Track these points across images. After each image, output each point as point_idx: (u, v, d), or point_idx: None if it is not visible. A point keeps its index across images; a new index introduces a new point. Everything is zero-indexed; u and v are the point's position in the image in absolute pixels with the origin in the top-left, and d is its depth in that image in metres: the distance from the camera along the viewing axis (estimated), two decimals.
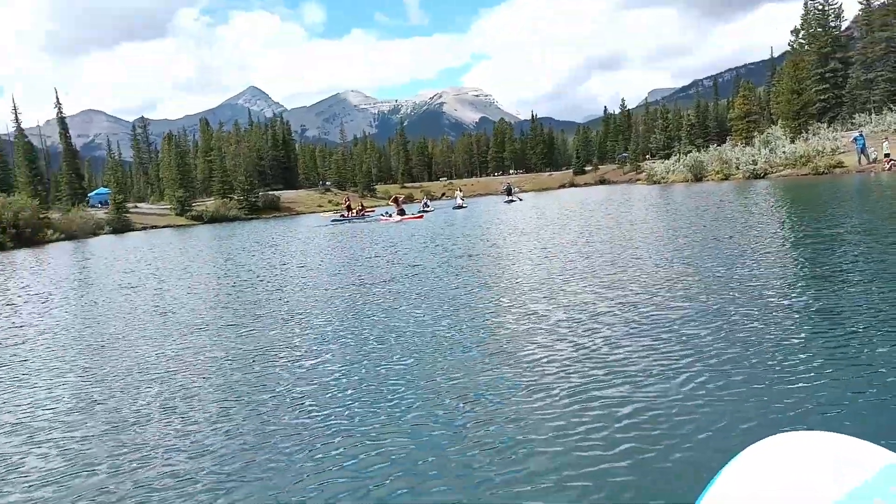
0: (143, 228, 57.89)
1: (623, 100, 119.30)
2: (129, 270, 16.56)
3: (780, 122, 49.46)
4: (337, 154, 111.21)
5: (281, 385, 4.97)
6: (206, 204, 71.51)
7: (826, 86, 51.30)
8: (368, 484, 3.17)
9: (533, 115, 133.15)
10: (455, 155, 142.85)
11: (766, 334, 5.02)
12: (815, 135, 41.09)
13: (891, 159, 28.98)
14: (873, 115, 42.13)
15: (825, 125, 44.23)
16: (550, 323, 6.13)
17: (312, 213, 68.23)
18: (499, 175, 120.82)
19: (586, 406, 3.90)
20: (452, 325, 6.46)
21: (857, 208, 14.71)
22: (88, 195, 74.30)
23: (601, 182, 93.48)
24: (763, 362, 4.39)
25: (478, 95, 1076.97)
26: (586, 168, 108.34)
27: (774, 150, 40.46)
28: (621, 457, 3.21)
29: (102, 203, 69.97)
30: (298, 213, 73.75)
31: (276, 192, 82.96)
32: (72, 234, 46.38)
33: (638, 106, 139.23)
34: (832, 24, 53.41)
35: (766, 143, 43.23)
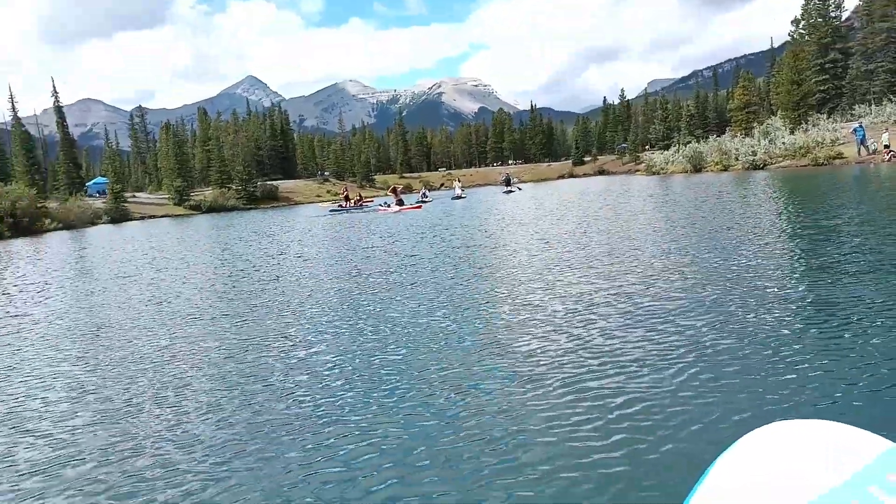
0: (141, 218, 57.75)
1: (622, 90, 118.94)
2: (125, 260, 16.51)
3: (779, 112, 49.29)
4: (335, 144, 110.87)
5: (274, 375, 4.95)
6: (205, 194, 71.38)
7: (826, 76, 51.15)
8: (358, 475, 3.15)
9: (532, 106, 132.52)
10: (454, 145, 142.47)
11: (762, 325, 4.99)
12: (814, 126, 41.02)
13: (890, 150, 28.94)
14: (873, 106, 42.02)
15: (825, 116, 44.14)
16: (546, 313, 6.11)
17: (311, 203, 68.19)
18: (498, 165, 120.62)
19: (580, 397, 3.88)
20: (447, 316, 6.43)
21: (855, 199, 14.67)
22: (86, 184, 74.09)
23: (600, 173, 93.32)
24: (758, 352, 4.37)
25: (476, 85, 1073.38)
26: (585, 159, 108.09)
27: (774, 141, 40.37)
28: (615, 447, 3.19)
29: (100, 192, 69.79)
30: (297, 204, 73.63)
31: (275, 182, 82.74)
32: (69, 224, 46.28)
33: (637, 96, 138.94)
34: (832, 15, 53.16)
35: (766, 133, 43.13)
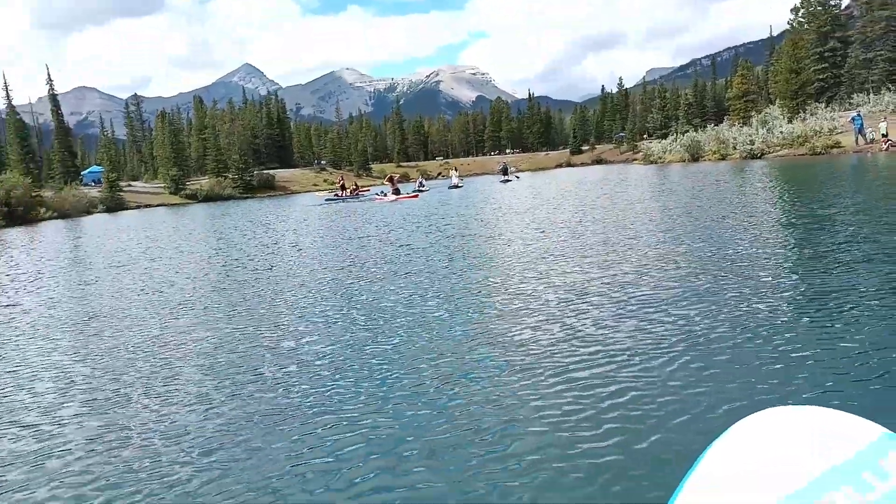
0: (137, 207, 57.47)
1: (620, 79, 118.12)
2: (120, 249, 16.43)
3: (777, 101, 49.10)
4: (332, 133, 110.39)
5: (264, 365, 4.91)
6: (201, 183, 70.98)
7: (825, 65, 50.94)
8: (346, 465, 3.12)
9: (530, 94, 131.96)
10: (451, 134, 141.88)
11: (755, 313, 4.96)
12: (812, 115, 40.92)
13: (888, 139, 28.88)
14: (871, 95, 41.93)
15: (823, 105, 44.00)
16: (539, 303, 6.07)
17: (308, 192, 67.89)
18: (495, 154, 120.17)
19: (572, 386, 3.85)
20: (440, 305, 6.40)
21: (852, 189, 14.64)
22: (82, 173, 73.67)
23: (598, 162, 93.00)
24: (751, 341, 4.34)
25: (475, 74, 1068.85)
26: (583, 148, 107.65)
27: (772, 130, 40.27)
28: (607, 436, 3.17)
29: (96, 181, 69.37)
30: (294, 193, 73.32)
31: (271, 171, 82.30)
32: (65, 213, 45.99)
33: (636, 85, 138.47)
34: (832, 3, 52.85)
35: (764, 122, 43.01)
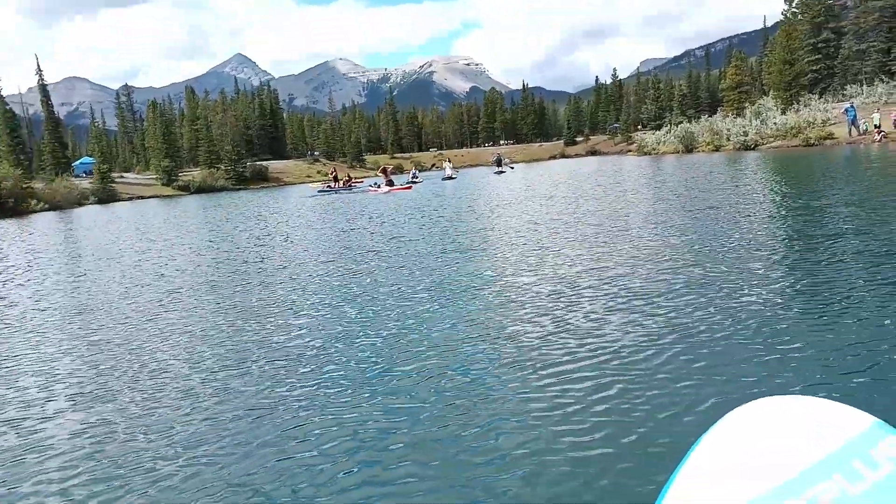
0: (129, 199, 57.11)
1: (615, 69, 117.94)
2: (110, 242, 16.31)
3: (771, 92, 49.16)
4: (325, 124, 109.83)
5: (251, 359, 4.85)
6: (193, 174, 70.59)
7: (818, 56, 50.88)
8: (329, 461, 3.08)
9: (524, 85, 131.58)
10: (445, 125, 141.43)
11: (747, 305, 4.94)
12: (806, 106, 40.97)
13: (881, 131, 28.94)
14: (865, 87, 41.98)
15: (816, 96, 44.05)
16: (530, 295, 6.04)
17: (301, 183, 67.56)
18: (489, 146, 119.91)
19: (562, 379, 3.81)
20: (431, 298, 6.35)
21: (845, 180, 14.65)
22: (73, 164, 73.06)
23: (592, 153, 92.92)
24: (743, 332, 4.32)
25: (468, 64, 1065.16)
26: (577, 139, 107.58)
27: (765, 122, 40.33)
28: (597, 429, 3.14)
29: (87, 173, 68.81)
30: (287, 184, 73.04)
31: (264, 163, 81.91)
32: (56, 205, 45.63)
33: (630, 76, 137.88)
34: None
35: (758, 114, 43.07)
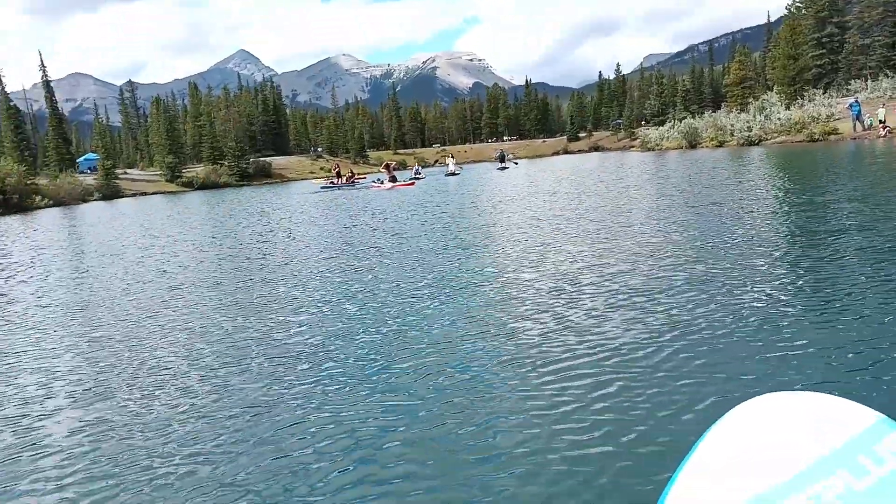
0: (133, 195, 57.19)
1: (618, 65, 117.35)
2: (114, 238, 16.34)
3: (775, 88, 48.92)
4: (329, 120, 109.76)
5: (251, 356, 4.86)
6: (197, 170, 70.60)
7: (822, 51, 50.61)
8: (325, 459, 3.08)
9: (527, 81, 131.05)
10: (448, 121, 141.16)
11: (751, 301, 4.93)
12: (810, 101, 40.77)
13: (886, 126, 28.79)
14: (869, 82, 41.77)
15: (821, 91, 43.83)
16: (532, 292, 6.04)
17: (304, 179, 67.55)
18: (492, 142, 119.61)
19: (563, 377, 3.81)
20: (432, 295, 6.35)
21: (849, 176, 14.59)
22: (77, 161, 73.15)
23: (595, 149, 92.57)
24: (747, 328, 4.32)
25: (471, 60, 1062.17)
26: (580, 135, 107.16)
27: (769, 117, 40.16)
28: (600, 426, 3.14)
29: (91, 169, 68.90)
30: (290, 180, 73.01)
31: (267, 159, 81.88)
32: (60, 201, 45.69)
33: (633, 71, 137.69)
34: None
35: (762, 109, 42.88)
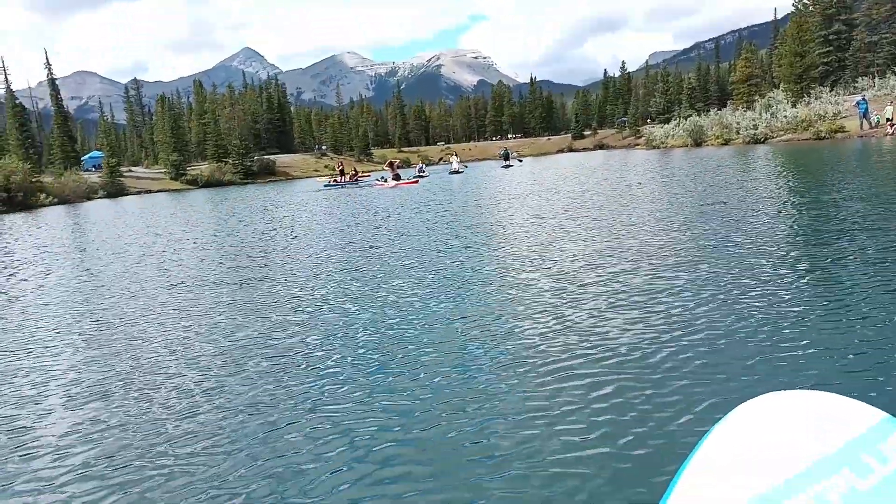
0: (137, 193, 57.34)
1: (623, 62, 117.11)
2: (116, 236, 16.34)
3: (782, 85, 48.65)
4: (333, 118, 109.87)
5: (250, 356, 4.79)
6: (201, 168, 70.74)
7: (829, 48, 50.19)
8: (322, 462, 3.00)
9: (532, 79, 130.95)
10: (453, 119, 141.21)
11: (756, 300, 4.84)
12: (817, 99, 40.51)
13: (893, 124, 28.54)
14: (876, 79, 41.47)
15: (827, 89, 43.54)
16: (534, 291, 5.96)
17: (308, 177, 67.59)
18: (497, 140, 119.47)
19: (566, 375, 3.72)
20: (433, 295, 6.28)
21: (855, 174, 14.44)
22: (82, 159, 73.43)
23: (600, 147, 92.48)
24: (752, 327, 4.24)
25: (476, 58, 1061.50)
26: (585, 133, 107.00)
27: (775, 115, 39.93)
28: (602, 426, 3.06)
29: (96, 167, 69.16)
30: (294, 178, 73.08)
31: (272, 157, 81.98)
32: (65, 199, 45.82)
33: (638, 69, 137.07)
34: None
35: (768, 107, 42.64)
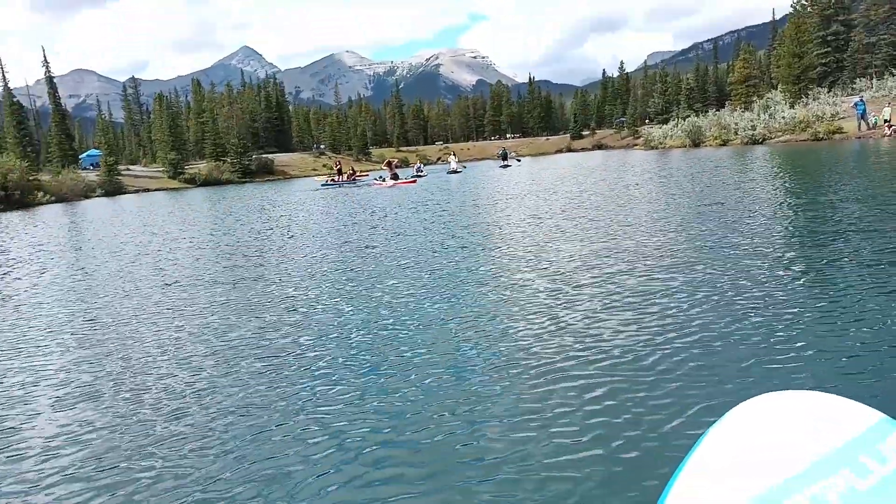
0: (135, 191, 57.25)
1: (622, 63, 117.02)
2: (112, 235, 16.30)
3: (780, 86, 48.69)
4: (332, 117, 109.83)
5: (242, 357, 4.76)
6: (199, 167, 70.62)
7: (828, 49, 50.25)
8: (311, 464, 2.98)
9: (530, 78, 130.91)
10: (451, 118, 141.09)
11: (752, 301, 4.83)
12: (815, 100, 40.55)
13: (891, 125, 28.59)
14: (874, 80, 41.51)
15: (825, 90, 43.58)
16: (529, 292, 5.94)
17: (307, 176, 67.52)
18: (495, 139, 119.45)
19: (563, 377, 3.71)
20: (427, 296, 6.26)
21: (853, 175, 14.45)
22: (80, 157, 73.28)
23: (598, 147, 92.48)
24: (749, 329, 4.22)
25: (475, 57, 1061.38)
26: (584, 133, 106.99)
27: (774, 116, 39.96)
28: (599, 427, 3.05)
29: (94, 165, 69.04)
30: (292, 177, 73.03)
31: (270, 156, 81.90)
32: (62, 197, 45.72)
33: (637, 69, 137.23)
34: None
35: (766, 108, 42.67)
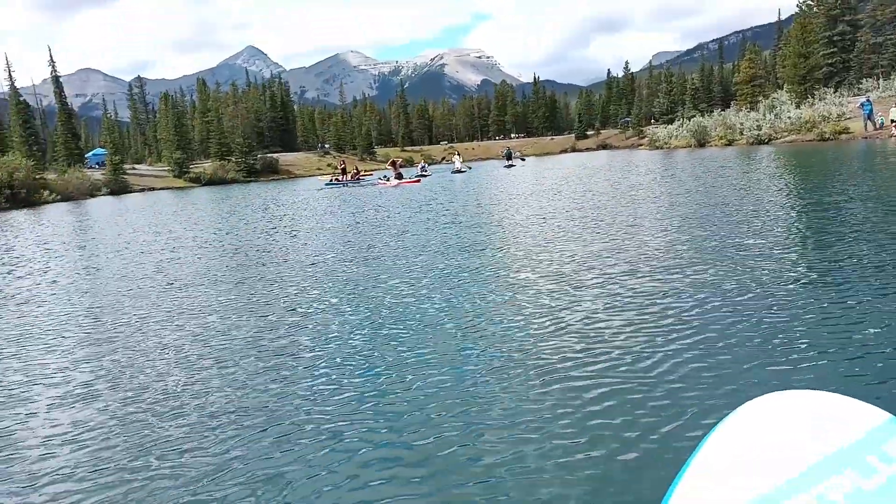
0: (141, 190, 57.46)
1: (627, 63, 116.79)
2: (117, 234, 16.36)
3: (785, 86, 48.50)
4: (336, 116, 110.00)
5: (242, 356, 4.75)
6: (204, 166, 70.85)
7: (834, 49, 50.08)
8: (310, 465, 2.97)
9: (535, 78, 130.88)
10: (456, 118, 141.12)
11: (758, 301, 4.80)
12: (821, 100, 40.38)
13: None
14: (881, 80, 41.34)
15: (832, 90, 43.41)
16: (533, 292, 5.92)
17: (311, 176, 67.58)
18: (500, 139, 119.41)
19: (565, 377, 3.68)
20: (429, 296, 6.24)
21: (860, 175, 14.38)
22: (85, 156, 73.56)
23: (603, 147, 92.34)
24: (754, 329, 4.19)
25: (479, 57, 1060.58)
26: (588, 133, 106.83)
27: (779, 116, 39.81)
28: (603, 428, 3.03)
29: (100, 164, 69.31)
30: (297, 177, 73.17)
31: (275, 155, 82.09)
32: (68, 196, 45.88)
33: (642, 69, 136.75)
34: None
35: (772, 108, 42.52)
